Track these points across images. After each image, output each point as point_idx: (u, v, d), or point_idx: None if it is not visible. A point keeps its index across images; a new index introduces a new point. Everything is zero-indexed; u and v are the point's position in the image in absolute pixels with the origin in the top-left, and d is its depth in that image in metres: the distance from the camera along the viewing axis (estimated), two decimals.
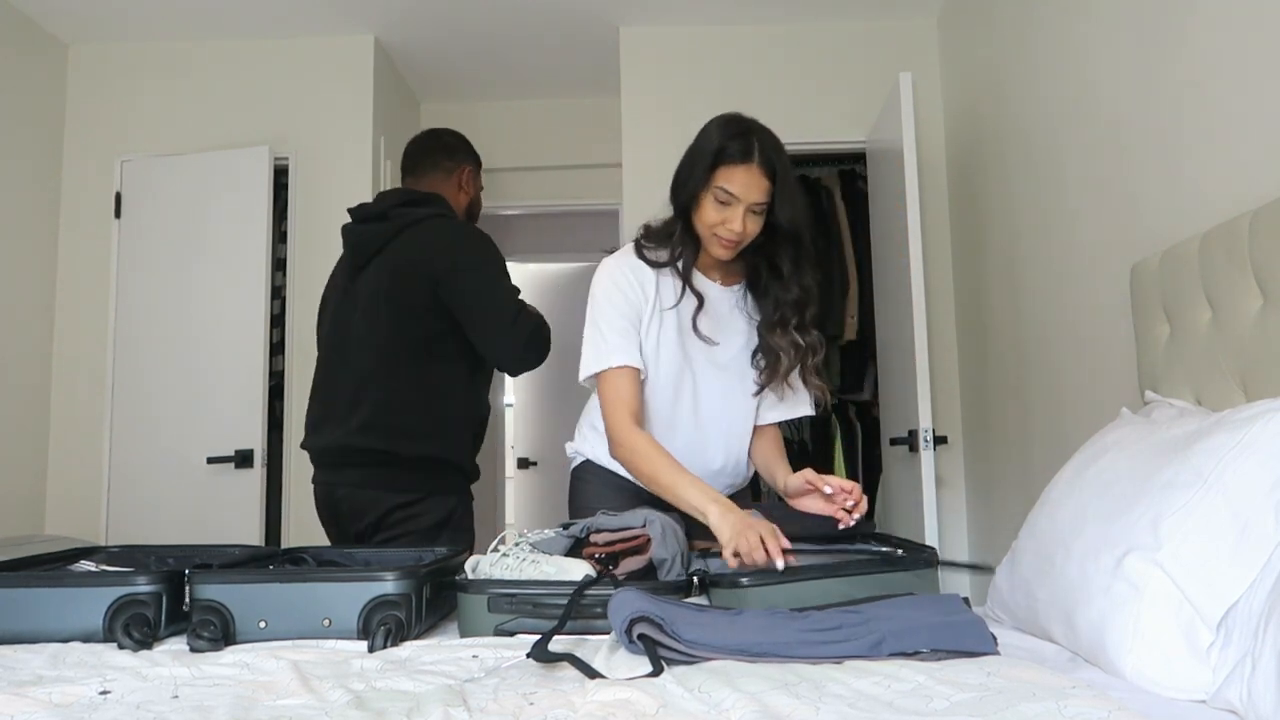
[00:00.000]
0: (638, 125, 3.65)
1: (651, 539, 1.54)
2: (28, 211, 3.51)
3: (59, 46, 3.70)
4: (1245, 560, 1.11)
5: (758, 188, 1.68)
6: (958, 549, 3.40)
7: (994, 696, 0.98)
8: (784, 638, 1.18)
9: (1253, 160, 1.61)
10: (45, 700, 1.03)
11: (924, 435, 2.84)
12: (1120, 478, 1.33)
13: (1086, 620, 1.21)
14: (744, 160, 1.66)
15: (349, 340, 2.17)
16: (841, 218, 3.89)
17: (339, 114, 3.72)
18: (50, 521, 3.54)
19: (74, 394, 3.59)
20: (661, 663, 1.11)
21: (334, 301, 2.25)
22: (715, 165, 1.68)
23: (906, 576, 1.45)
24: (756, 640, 1.17)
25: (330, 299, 2.28)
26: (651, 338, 1.80)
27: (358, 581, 1.38)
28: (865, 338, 3.73)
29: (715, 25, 3.69)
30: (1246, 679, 1.00)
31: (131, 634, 1.33)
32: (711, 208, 1.70)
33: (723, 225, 1.69)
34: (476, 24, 3.70)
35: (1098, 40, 2.22)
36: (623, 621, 1.18)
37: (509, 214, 4.78)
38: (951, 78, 3.49)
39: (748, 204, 1.68)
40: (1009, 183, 2.89)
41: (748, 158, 1.66)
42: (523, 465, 5.36)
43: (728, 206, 1.69)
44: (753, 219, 1.71)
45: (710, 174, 1.68)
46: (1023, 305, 2.78)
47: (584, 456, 1.96)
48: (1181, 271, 1.69)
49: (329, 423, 2.17)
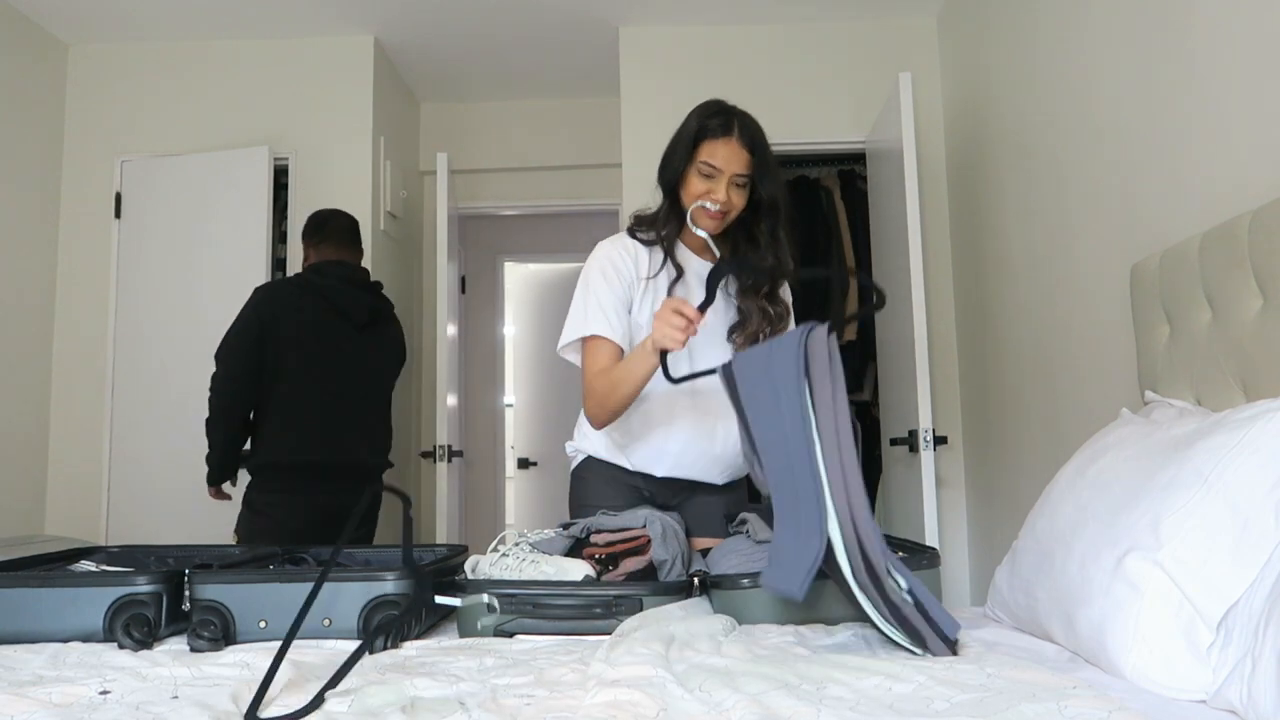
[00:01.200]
0: (638, 125, 3.65)
1: (652, 539, 1.54)
2: (28, 211, 3.51)
3: (59, 46, 3.71)
4: (1245, 560, 1.11)
5: (739, 160, 1.77)
6: (958, 549, 3.40)
7: (994, 697, 0.98)
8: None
9: (1253, 160, 1.61)
10: (45, 700, 1.03)
11: (924, 435, 2.84)
12: (1120, 478, 1.33)
13: (1087, 620, 1.21)
14: (725, 134, 1.77)
15: (351, 383, 2.77)
16: (841, 218, 3.89)
17: (339, 114, 3.72)
18: (50, 521, 3.54)
19: (74, 394, 3.59)
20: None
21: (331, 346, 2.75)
22: (698, 141, 1.79)
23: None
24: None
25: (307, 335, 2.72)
26: (645, 313, 1.83)
27: (358, 581, 1.38)
28: (865, 338, 3.73)
29: (715, 25, 3.69)
30: (1246, 679, 1.00)
31: (131, 634, 1.33)
32: (697, 181, 1.79)
33: (708, 196, 1.78)
34: (476, 24, 3.70)
35: (1098, 40, 2.22)
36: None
37: (509, 214, 4.78)
38: (951, 78, 3.49)
39: (730, 175, 1.77)
40: (1009, 182, 2.89)
41: (728, 132, 1.77)
42: (523, 465, 5.36)
43: (711, 179, 1.78)
44: (736, 191, 1.79)
45: (694, 150, 1.79)
46: (1023, 305, 2.77)
47: (584, 453, 1.97)
48: (1181, 272, 1.69)
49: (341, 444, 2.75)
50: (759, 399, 1.30)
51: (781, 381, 1.24)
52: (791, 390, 1.22)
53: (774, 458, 1.28)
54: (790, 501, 1.25)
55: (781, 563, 1.23)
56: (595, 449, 1.93)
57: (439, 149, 4.04)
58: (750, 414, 1.34)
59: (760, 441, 1.31)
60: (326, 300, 2.73)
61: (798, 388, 1.21)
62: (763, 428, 1.30)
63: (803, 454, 1.22)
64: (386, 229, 3.88)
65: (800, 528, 1.21)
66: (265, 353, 2.66)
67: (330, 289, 2.75)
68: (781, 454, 1.26)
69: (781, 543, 1.25)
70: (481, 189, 4.52)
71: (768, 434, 1.29)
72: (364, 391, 2.82)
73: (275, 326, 2.67)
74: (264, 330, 2.66)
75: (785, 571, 1.21)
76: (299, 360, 2.68)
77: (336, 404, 2.72)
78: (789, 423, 1.24)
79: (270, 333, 2.66)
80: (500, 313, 5.37)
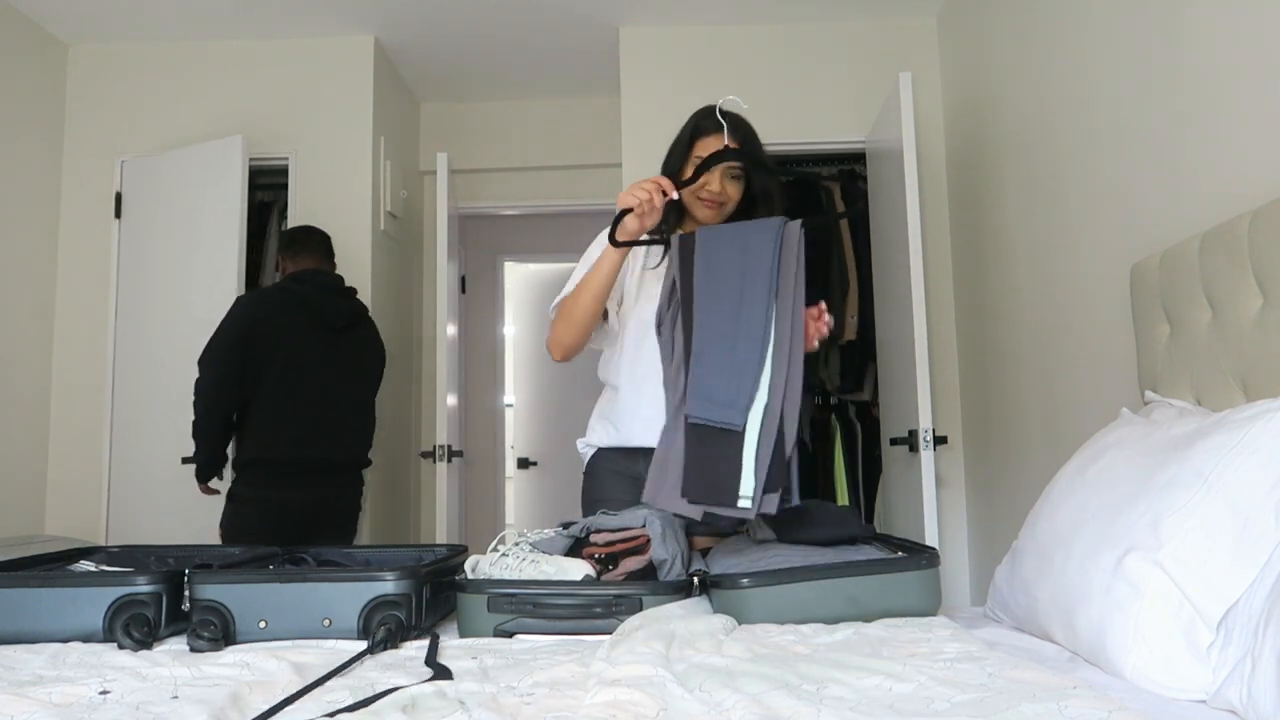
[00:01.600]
0: (638, 125, 3.65)
1: (651, 539, 1.54)
2: (28, 212, 3.51)
3: (59, 46, 3.71)
4: (1245, 560, 1.11)
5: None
6: (958, 549, 3.40)
7: (994, 697, 0.98)
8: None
9: (1253, 160, 1.62)
10: (45, 700, 1.03)
11: (924, 435, 2.84)
12: (1120, 478, 1.33)
13: (1087, 620, 1.21)
14: (717, 130, 1.88)
15: (331, 383, 2.92)
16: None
17: (339, 114, 3.72)
18: (50, 521, 3.54)
19: (74, 394, 3.59)
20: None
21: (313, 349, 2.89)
22: (694, 139, 1.91)
23: (906, 577, 1.45)
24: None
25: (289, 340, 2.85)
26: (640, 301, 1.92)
27: (358, 581, 1.38)
28: (865, 338, 3.73)
29: (715, 25, 3.69)
30: (1246, 679, 1.00)
31: (131, 634, 1.33)
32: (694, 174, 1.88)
33: (703, 186, 1.87)
34: (477, 24, 3.70)
35: (1097, 40, 2.22)
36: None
37: (509, 214, 4.78)
38: (951, 78, 3.49)
39: (724, 166, 1.87)
40: (1009, 182, 2.89)
41: (720, 128, 1.88)
42: (523, 465, 5.36)
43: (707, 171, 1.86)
44: (731, 183, 1.89)
45: (690, 147, 1.90)
46: (1023, 305, 2.78)
47: (593, 447, 2.01)
48: (1181, 272, 1.69)
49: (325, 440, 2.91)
50: (719, 267, 1.50)
51: (754, 253, 1.46)
52: (764, 266, 1.45)
53: (718, 313, 1.47)
54: (725, 353, 1.46)
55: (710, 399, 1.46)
56: (601, 439, 1.99)
57: (439, 149, 4.04)
58: (701, 276, 1.52)
59: (706, 298, 1.49)
60: (307, 307, 2.89)
61: (770, 266, 1.44)
62: (715, 287, 1.49)
63: (758, 318, 1.44)
64: (386, 229, 3.88)
65: (733, 374, 1.44)
66: (248, 359, 2.79)
67: (309, 295, 2.91)
68: (731, 311, 1.46)
69: (705, 382, 1.47)
70: (481, 189, 4.52)
71: (720, 294, 1.49)
72: (344, 392, 2.97)
73: (258, 333, 2.80)
74: (246, 337, 2.79)
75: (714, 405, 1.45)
76: (282, 364, 2.82)
77: (318, 404, 2.88)
78: (750, 291, 1.45)
79: (253, 339, 2.79)
80: (500, 313, 5.37)
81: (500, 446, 5.28)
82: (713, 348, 1.48)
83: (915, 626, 1.34)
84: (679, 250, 1.66)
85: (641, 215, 1.70)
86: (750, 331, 1.45)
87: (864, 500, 3.76)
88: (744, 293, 1.47)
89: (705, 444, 1.51)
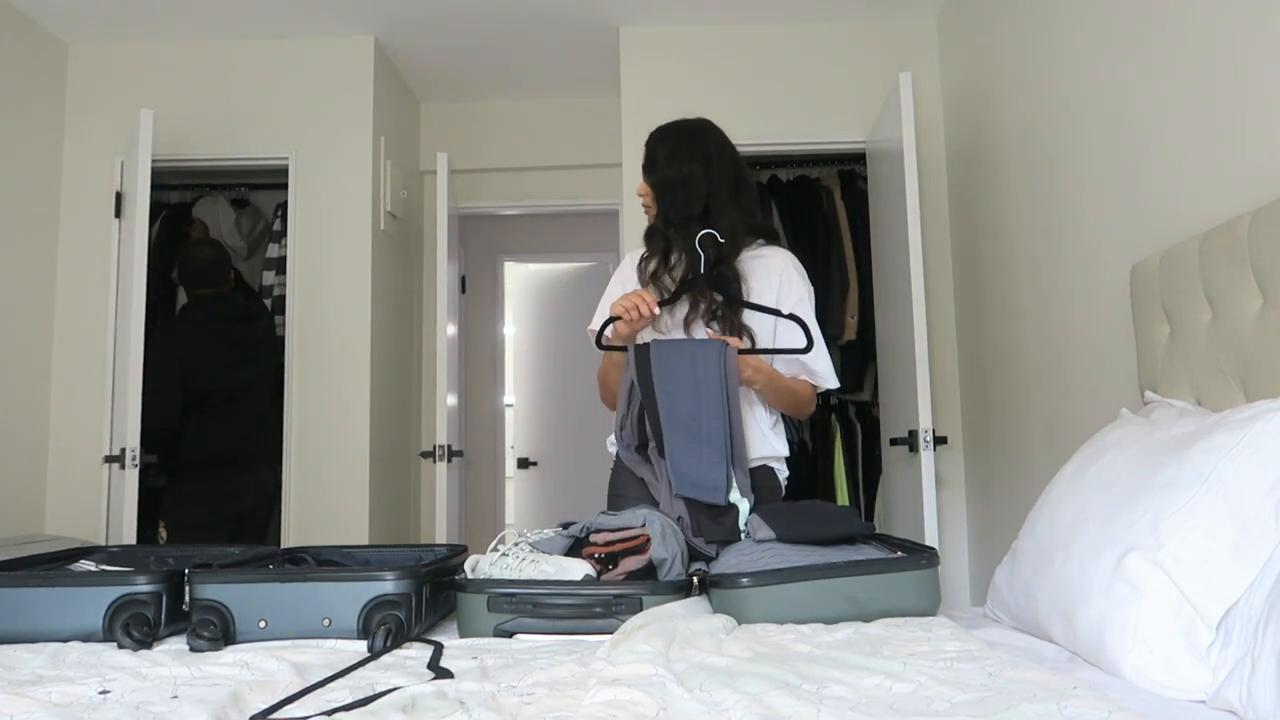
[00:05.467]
0: (638, 125, 3.64)
1: (651, 539, 1.54)
2: (28, 211, 3.50)
3: (59, 46, 3.70)
4: (1245, 560, 1.11)
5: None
6: (958, 549, 3.40)
7: (995, 697, 0.98)
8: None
9: (1253, 160, 1.62)
10: (45, 700, 1.03)
11: (924, 435, 2.84)
12: (1120, 478, 1.33)
13: (1086, 620, 1.21)
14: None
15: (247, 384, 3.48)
16: (841, 218, 3.89)
17: (339, 114, 3.72)
18: (50, 521, 3.54)
19: (74, 394, 3.58)
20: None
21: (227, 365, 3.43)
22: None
23: (906, 576, 1.45)
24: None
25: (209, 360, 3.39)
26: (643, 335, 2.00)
27: (358, 581, 1.38)
28: (865, 338, 3.73)
29: (715, 25, 3.69)
30: (1246, 679, 1.00)
31: (131, 634, 1.33)
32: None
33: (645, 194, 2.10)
34: (476, 24, 3.70)
35: (1098, 40, 2.22)
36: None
37: (509, 214, 4.78)
38: (951, 78, 3.49)
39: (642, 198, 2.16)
40: (1009, 183, 2.89)
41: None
42: (523, 465, 5.36)
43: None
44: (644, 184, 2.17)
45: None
46: (1023, 305, 2.78)
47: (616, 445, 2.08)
48: (1181, 271, 1.69)
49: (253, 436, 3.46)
50: (674, 375, 1.82)
51: (703, 373, 1.81)
52: (714, 381, 1.81)
53: (680, 412, 1.81)
54: (692, 444, 1.80)
55: (696, 484, 1.78)
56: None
57: (439, 149, 4.04)
58: (661, 382, 1.82)
59: (667, 398, 1.81)
60: (212, 334, 3.39)
61: (719, 382, 1.81)
62: (674, 393, 1.82)
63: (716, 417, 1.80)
64: (386, 229, 3.88)
65: (704, 460, 1.79)
66: (185, 382, 3.30)
67: (211, 324, 3.41)
68: (691, 411, 1.80)
69: (687, 469, 1.79)
70: (481, 189, 4.52)
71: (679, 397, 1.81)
72: (256, 391, 3.50)
73: (184, 362, 3.31)
74: (176, 366, 3.29)
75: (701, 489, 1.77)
76: (204, 382, 3.34)
77: (235, 405, 3.40)
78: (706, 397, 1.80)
79: (181, 367, 3.30)
80: (500, 313, 5.37)
81: (500, 446, 5.27)
82: (680, 439, 1.80)
83: (915, 626, 1.34)
84: (635, 358, 1.86)
85: (630, 322, 1.87)
86: (711, 436, 1.80)
87: (864, 500, 3.76)
88: (702, 401, 1.80)
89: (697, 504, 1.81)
